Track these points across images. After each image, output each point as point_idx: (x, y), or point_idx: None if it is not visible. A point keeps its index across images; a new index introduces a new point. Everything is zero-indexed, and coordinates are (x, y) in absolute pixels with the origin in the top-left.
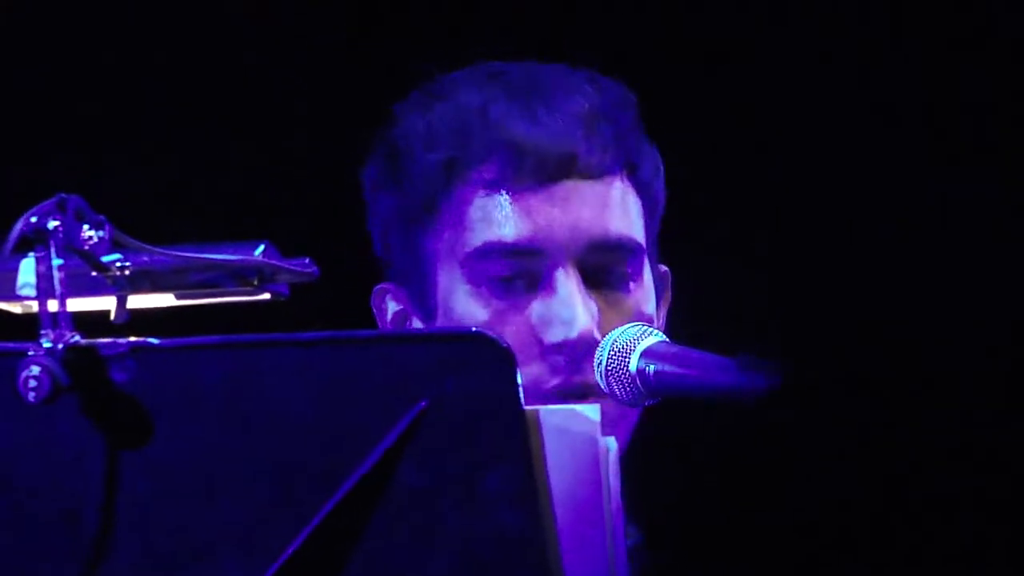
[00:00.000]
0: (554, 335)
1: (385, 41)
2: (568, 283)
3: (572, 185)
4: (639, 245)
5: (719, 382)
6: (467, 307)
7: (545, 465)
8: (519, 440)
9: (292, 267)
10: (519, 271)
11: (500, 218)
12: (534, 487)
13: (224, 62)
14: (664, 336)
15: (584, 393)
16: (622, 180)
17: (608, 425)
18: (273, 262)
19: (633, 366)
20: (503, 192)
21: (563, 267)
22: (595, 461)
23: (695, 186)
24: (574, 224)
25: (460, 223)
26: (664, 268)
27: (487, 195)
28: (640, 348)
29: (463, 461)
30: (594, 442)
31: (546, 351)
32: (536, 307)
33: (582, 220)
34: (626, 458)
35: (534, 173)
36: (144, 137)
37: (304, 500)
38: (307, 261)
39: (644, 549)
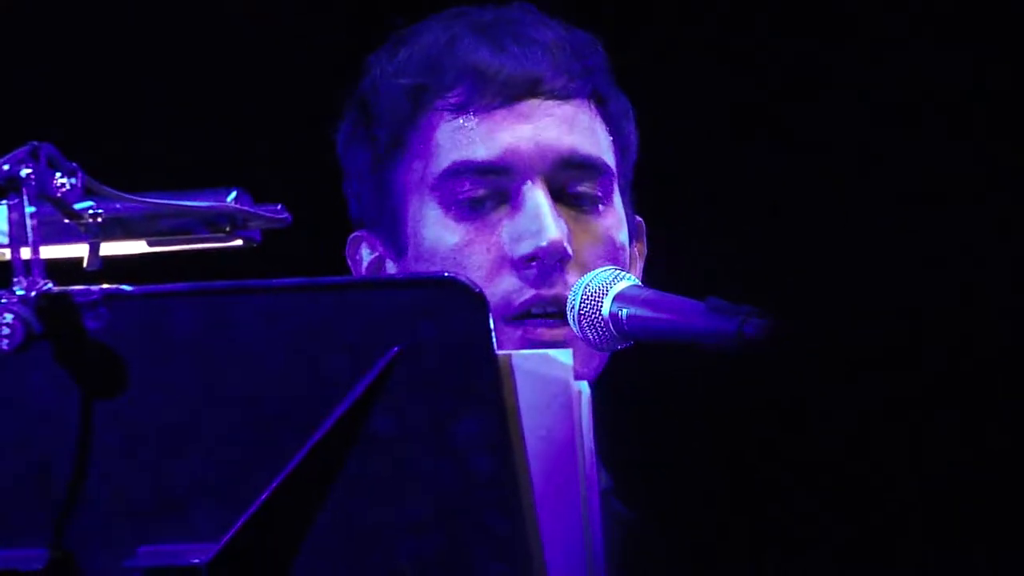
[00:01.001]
0: (524, 247)
1: None
2: (535, 196)
3: (538, 103)
4: (608, 167)
5: (693, 326)
6: (437, 233)
7: (518, 410)
8: (492, 386)
9: (264, 213)
10: (488, 190)
11: (467, 138)
12: (507, 433)
13: (196, 5)
14: (638, 281)
15: (558, 308)
16: (589, 107)
17: (576, 368)
18: (245, 208)
19: (606, 310)
20: (470, 114)
21: (531, 182)
22: (568, 406)
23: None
24: (541, 139)
25: (428, 150)
26: (639, 219)
27: (453, 118)
28: (613, 292)
29: (436, 407)
30: (567, 386)
31: (517, 265)
32: (506, 225)
33: (548, 136)
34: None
35: (500, 94)
36: (115, 85)
37: (276, 448)
38: (279, 207)
39: (615, 494)
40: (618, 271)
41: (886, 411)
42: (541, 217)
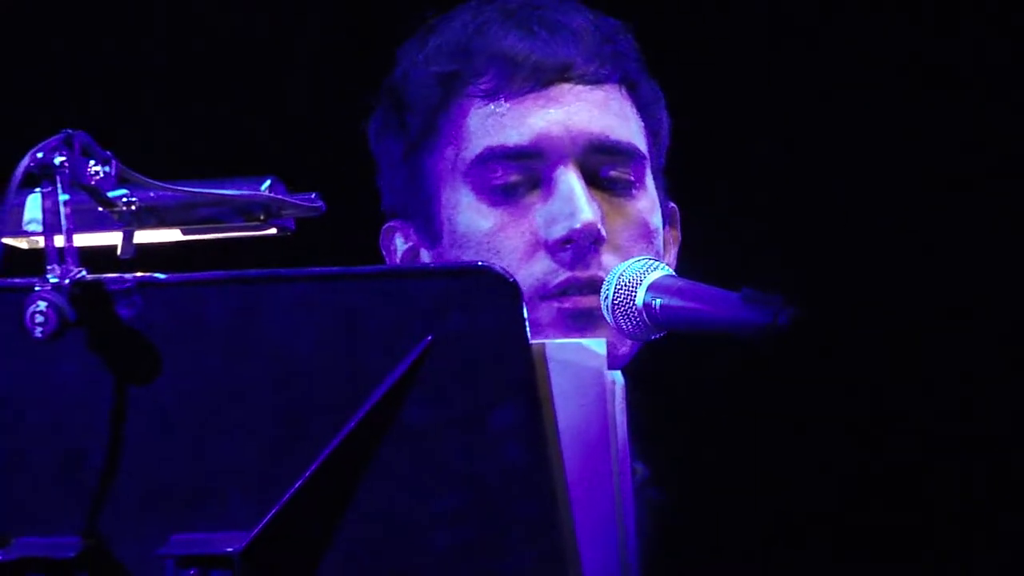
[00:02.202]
0: (558, 230)
1: None
2: (568, 179)
3: (569, 88)
4: (640, 151)
5: (727, 317)
6: (471, 218)
7: (552, 400)
8: (525, 376)
9: (298, 202)
10: (521, 175)
11: (499, 124)
12: (540, 423)
13: None
14: (671, 270)
15: (593, 290)
16: (620, 92)
17: (610, 356)
18: (279, 197)
19: (640, 299)
20: (501, 100)
21: (563, 166)
22: (602, 396)
23: (703, 131)
24: (573, 124)
25: (460, 136)
26: (673, 205)
27: (484, 104)
28: (647, 282)
29: (469, 397)
30: (601, 376)
31: (551, 249)
32: (539, 209)
33: (580, 120)
34: (630, 391)
35: (530, 79)
36: (151, 73)
37: (309, 437)
38: (314, 196)
39: (651, 485)
40: (652, 260)
41: (918, 399)
42: (575, 199)
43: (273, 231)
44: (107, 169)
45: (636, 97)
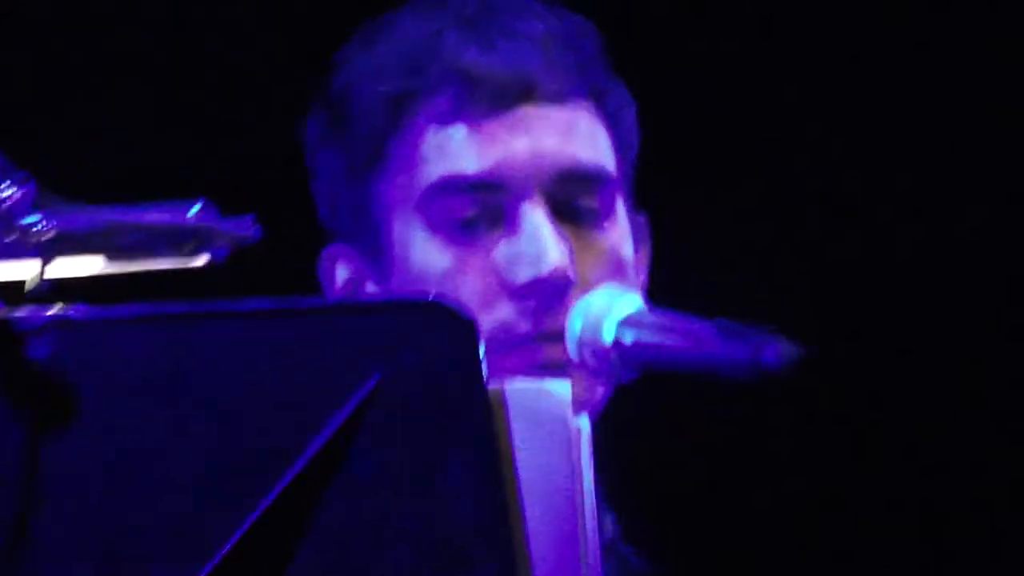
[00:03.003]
0: (522, 274)
1: None
2: (535, 216)
3: (533, 110)
4: (610, 176)
5: (704, 353)
6: (425, 255)
7: (511, 448)
8: (482, 420)
9: (231, 228)
10: (481, 208)
11: (457, 150)
12: (499, 473)
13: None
14: (643, 301)
15: (560, 337)
16: (588, 108)
17: (576, 402)
18: (210, 223)
19: (609, 336)
20: (459, 123)
21: (529, 200)
22: (567, 443)
23: (675, 129)
24: (538, 151)
25: (413, 162)
26: (642, 217)
27: (441, 128)
28: (617, 315)
29: (420, 445)
30: (565, 422)
31: (515, 294)
32: (501, 247)
33: (546, 147)
34: (599, 439)
35: (491, 100)
36: (71, 89)
37: (245, 488)
38: (248, 221)
39: (623, 542)
40: (622, 291)
41: (916, 444)
42: (541, 240)
43: (204, 261)
44: (16, 193)
45: (604, 109)
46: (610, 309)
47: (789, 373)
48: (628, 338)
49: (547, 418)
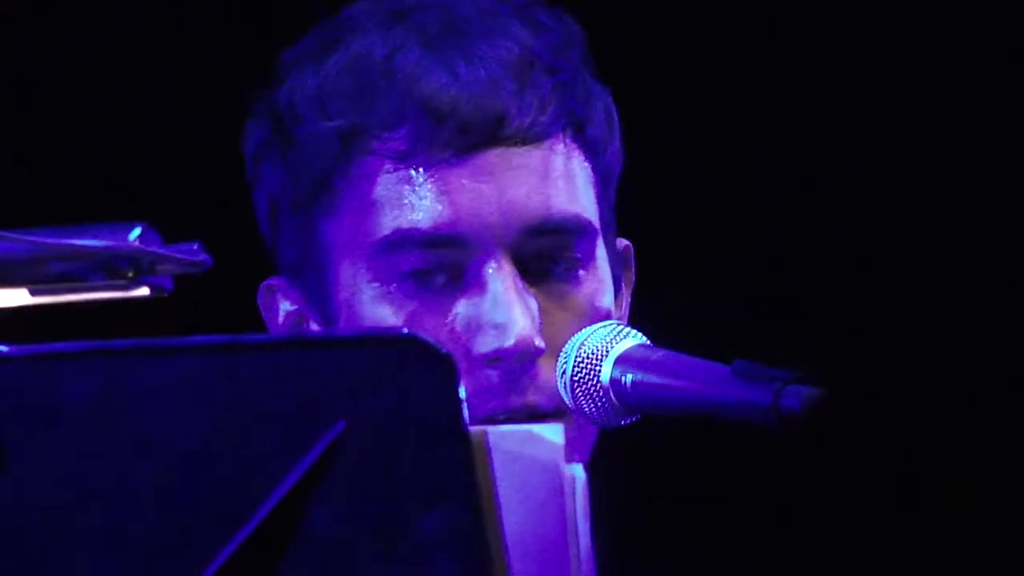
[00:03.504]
0: (485, 344)
1: None
2: (501, 278)
3: (501, 154)
4: (589, 224)
5: (716, 396)
6: (375, 311)
7: (496, 502)
8: (462, 471)
9: (176, 254)
10: (439, 264)
11: (413, 199)
12: (481, 530)
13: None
14: (643, 337)
15: (531, 415)
16: (565, 143)
17: (570, 448)
18: (152, 248)
19: (606, 376)
20: (416, 166)
21: (494, 258)
22: (559, 495)
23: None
24: (506, 203)
25: (363, 205)
26: (624, 242)
27: (395, 170)
28: (614, 353)
29: (392, 499)
30: (557, 471)
31: (475, 365)
32: (461, 309)
33: (515, 196)
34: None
35: (454, 141)
36: None
37: (191, 551)
38: (195, 247)
39: None
40: (620, 326)
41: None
42: (506, 307)
43: (145, 291)
44: None
45: (583, 140)
46: (608, 346)
47: (813, 418)
48: (627, 378)
49: (537, 466)
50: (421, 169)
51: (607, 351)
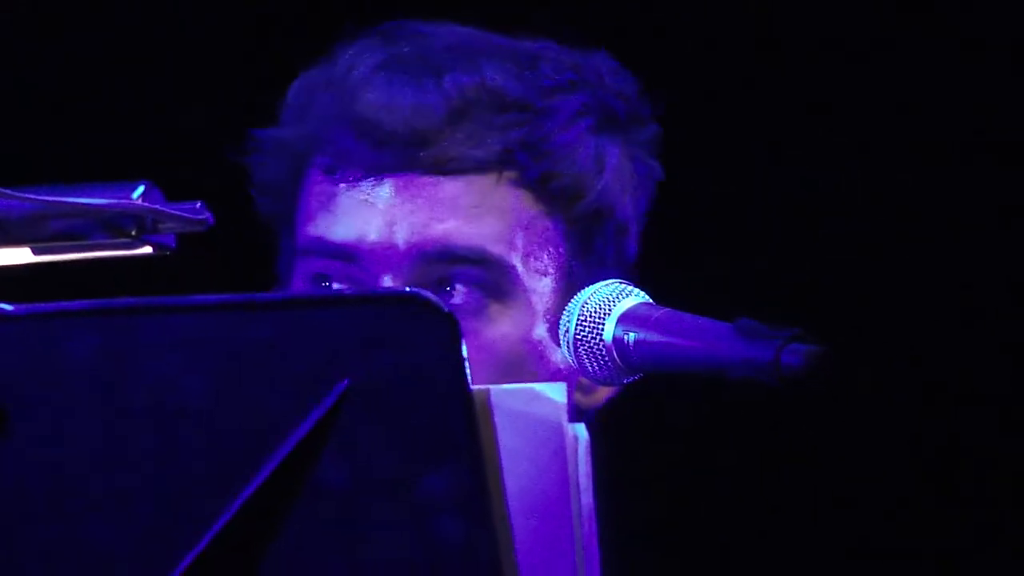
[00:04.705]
0: None
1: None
2: None
3: (415, 179)
4: (495, 258)
5: (718, 354)
6: None
7: (499, 459)
8: (465, 429)
9: (179, 213)
10: (338, 275)
11: (325, 212)
12: (484, 487)
13: None
14: (645, 296)
15: None
16: (502, 179)
17: (572, 407)
18: (156, 207)
19: (609, 334)
20: (337, 181)
21: (388, 278)
22: (561, 453)
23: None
24: (406, 227)
25: (299, 214)
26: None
27: (322, 183)
28: (617, 311)
29: (395, 455)
30: (560, 430)
31: None
32: None
33: (416, 223)
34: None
35: (368, 161)
36: None
37: (199, 504)
38: (198, 205)
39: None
40: (622, 284)
41: (954, 458)
42: None
43: (148, 250)
44: None
45: (534, 180)
46: (610, 304)
47: (815, 376)
48: (630, 337)
49: (540, 425)
50: (342, 185)
51: (610, 309)
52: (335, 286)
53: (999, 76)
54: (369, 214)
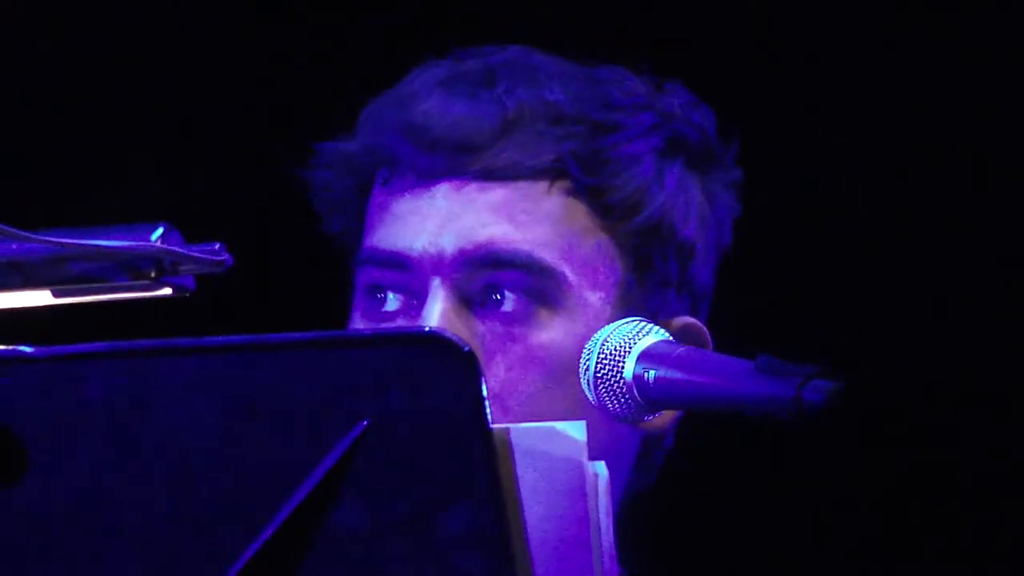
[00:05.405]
0: None
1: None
2: (433, 303)
3: (462, 184)
4: (543, 264)
5: (738, 391)
6: (351, 320)
7: (518, 498)
8: (484, 468)
9: (198, 255)
10: (391, 284)
11: (380, 221)
12: (504, 526)
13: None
14: (666, 333)
15: None
16: (553, 188)
17: (597, 447)
18: (175, 248)
19: (629, 372)
20: (391, 190)
21: (434, 284)
22: (581, 491)
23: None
24: (451, 232)
25: (366, 227)
26: (692, 321)
27: (380, 193)
28: (638, 349)
29: (415, 495)
30: (580, 467)
31: None
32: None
33: (462, 228)
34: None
35: (417, 168)
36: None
37: (215, 548)
38: (217, 247)
39: None
40: (644, 323)
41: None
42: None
43: (167, 291)
44: None
45: (588, 192)
46: (631, 342)
47: (835, 413)
48: (650, 374)
49: (560, 463)
50: (395, 194)
51: (631, 347)
52: (389, 295)
53: (999, 76)
54: (418, 221)
